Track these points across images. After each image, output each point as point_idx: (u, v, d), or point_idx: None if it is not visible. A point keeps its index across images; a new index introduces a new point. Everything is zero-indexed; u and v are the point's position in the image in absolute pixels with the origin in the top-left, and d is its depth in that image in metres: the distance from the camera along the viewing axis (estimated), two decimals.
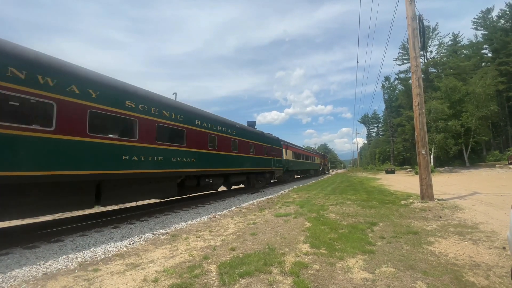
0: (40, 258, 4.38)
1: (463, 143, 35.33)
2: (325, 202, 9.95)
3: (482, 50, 49.26)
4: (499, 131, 46.46)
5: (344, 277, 3.22)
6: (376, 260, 3.74)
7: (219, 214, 8.27)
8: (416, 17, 9.70)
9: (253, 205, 10.18)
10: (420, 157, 9.25)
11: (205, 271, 3.53)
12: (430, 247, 4.27)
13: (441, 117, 33.44)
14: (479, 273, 3.25)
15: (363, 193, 12.60)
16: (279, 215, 7.43)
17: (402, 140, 51.27)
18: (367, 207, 8.36)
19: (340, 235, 5.07)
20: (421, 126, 9.27)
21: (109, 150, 6.36)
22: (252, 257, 3.98)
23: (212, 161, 10.65)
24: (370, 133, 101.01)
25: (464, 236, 4.87)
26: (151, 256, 4.32)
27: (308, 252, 4.17)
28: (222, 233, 5.72)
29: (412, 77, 9.75)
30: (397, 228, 5.53)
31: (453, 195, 10.65)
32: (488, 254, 3.91)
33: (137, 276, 3.47)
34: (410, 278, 3.13)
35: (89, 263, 4.12)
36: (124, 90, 7.11)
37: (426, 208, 7.78)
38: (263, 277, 3.28)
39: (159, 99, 8.33)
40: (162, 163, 7.90)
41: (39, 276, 3.64)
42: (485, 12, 51.42)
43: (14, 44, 5.04)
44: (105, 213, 8.54)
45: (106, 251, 4.74)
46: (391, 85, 67.11)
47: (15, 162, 4.61)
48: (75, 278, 3.51)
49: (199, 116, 10.19)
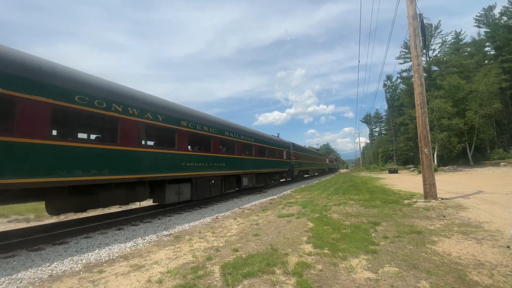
0: (45, 260, 4.43)
1: (467, 141, 35.06)
2: (328, 202, 9.94)
3: (485, 48, 48.92)
4: (503, 129, 46.04)
5: (347, 277, 3.23)
6: (379, 260, 3.74)
7: (222, 215, 8.29)
8: (417, 16, 9.67)
9: (256, 206, 10.19)
10: (423, 156, 9.21)
11: (208, 272, 3.55)
12: (433, 247, 4.26)
13: (444, 115, 33.23)
14: (483, 272, 3.24)
15: (366, 193, 12.55)
16: (282, 216, 7.43)
17: (405, 139, 50.98)
18: (370, 207, 8.34)
19: (343, 235, 5.07)
20: (423, 125, 9.23)
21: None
22: (255, 257, 3.99)
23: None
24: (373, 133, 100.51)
25: (468, 235, 4.84)
26: (155, 257, 4.35)
27: (311, 253, 4.17)
28: (225, 234, 5.74)
29: (414, 76, 9.71)
30: (400, 228, 5.51)
31: (457, 194, 10.58)
32: (492, 253, 3.89)
33: (141, 277, 3.50)
34: (413, 278, 3.13)
35: (94, 265, 4.16)
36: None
37: (429, 207, 7.74)
38: (266, 277, 3.30)
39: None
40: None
41: (44, 278, 3.69)
42: (487, 10, 51.10)
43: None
44: (108, 215, 8.61)
45: (110, 252, 4.78)
46: (393, 84, 66.88)
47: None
48: (80, 279, 3.55)
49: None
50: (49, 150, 5.17)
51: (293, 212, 7.91)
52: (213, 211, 9.08)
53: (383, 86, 68.25)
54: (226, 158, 11.56)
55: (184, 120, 9.09)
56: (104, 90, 6.52)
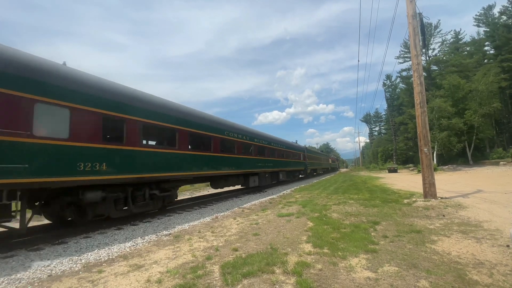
0: (44, 260, 4.43)
1: (466, 140, 35.08)
2: (328, 201, 9.94)
3: (484, 47, 48.93)
4: (503, 128, 46.07)
5: (347, 277, 3.22)
6: (379, 259, 3.73)
7: (222, 214, 8.29)
8: (417, 15, 9.66)
9: (256, 205, 10.19)
10: (422, 155, 9.21)
11: (208, 272, 3.54)
12: (433, 246, 4.26)
13: (444, 115, 33.23)
14: (482, 271, 3.24)
15: (365, 192, 12.56)
16: (281, 215, 7.43)
17: (404, 139, 50.98)
18: (369, 206, 8.34)
19: (343, 235, 5.07)
20: (423, 125, 9.23)
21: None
22: (255, 257, 3.99)
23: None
24: (373, 132, 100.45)
25: (468, 235, 4.84)
26: (154, 257, 4.34)
27: (310, 252, 4.17)
28: (224, 234, 5.74)
29: (413, 75, 9.70)
30: (400, 227, 5.51)
31: (457, 193, 10.59)
32: (491, 252, 3.89)
33: (140, 277, 3.49)
34: (413, 277, 3.12)
35: (93, 265, 4.15)
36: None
37: (429, 206, 7.74)
38: (266, 277, 3.29)
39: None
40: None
41: (43, 278, 3.68)
42: (486, 9, 51.06)
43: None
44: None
45: (109, 252, 4.77)
46: (393, 83, 66.87)
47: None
48: (79, 279, 3.55)
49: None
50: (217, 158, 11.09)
51: (293, 212, 7.91)
52: (213, 211, 9.08)
53: (383, 85, 68.27)
54: (272, 160, 17.91)
55: (268, 143, 17.43)
56: (248, 132, 14.65)
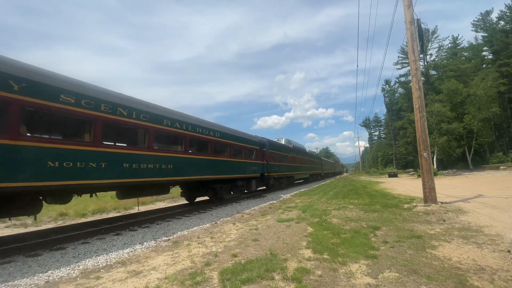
0: (42, 266, 4.39)
1: (465, 145, 35.12)
2: (328, 206, 9.90)
3: (483, 52, 49.34)
4: (502, 132, 46.18)
5: (347, 283, 3.19)
6: (379, 265, 3.70)
7: (221, 220, 8.24)
8: (415, 21, 9.76)
9: (255, 210, 10.14)
10: (422, 160, 9.21)
11: (207, 278, 3.51)
12: (433, 251, 4.23)
13: (443, 119, 33.33)
14: (483, 277, 3.21)
15: (365, 197, 12.51)
16: (281, 221, 7.39)
17: (404, 143, 51.03)
18: (370, 211, 8.30)
19: (343, 240, 5.03)
20: (422, 129, 9.25)
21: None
22: (254, 263, 3.96)
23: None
24: (372, 137, 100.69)
25: (468, 240, 4.81)
26: (153, 263, 4.31)
27: (310, 258, 4.14)
28: (224, 239, 5.70)
29: (412, 80, 9.76)
30: (400, 232, 5.48)
31: (457, 198, 10.55)
32: (492, 257, 3.86)
33: (138, 284, 3.46)
34: (413, 283, 3.10)
35: (91, 271, 4.11)
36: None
37: (429, 211, 7.71)
38: (265, 283, 3.26)
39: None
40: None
41: (41, 284, 3.65)
42: (484, 14, 51.67)
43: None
44: (106, 221, 8.56)
45: (108, 258, 4.73)
46: (391, 88, 67.24)
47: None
48: (76, 286, 3.51)
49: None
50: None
51: (293, 217, 7.87)
52: (212, 216, 9.03)
53: (382, 90, 68.66)
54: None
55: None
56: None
